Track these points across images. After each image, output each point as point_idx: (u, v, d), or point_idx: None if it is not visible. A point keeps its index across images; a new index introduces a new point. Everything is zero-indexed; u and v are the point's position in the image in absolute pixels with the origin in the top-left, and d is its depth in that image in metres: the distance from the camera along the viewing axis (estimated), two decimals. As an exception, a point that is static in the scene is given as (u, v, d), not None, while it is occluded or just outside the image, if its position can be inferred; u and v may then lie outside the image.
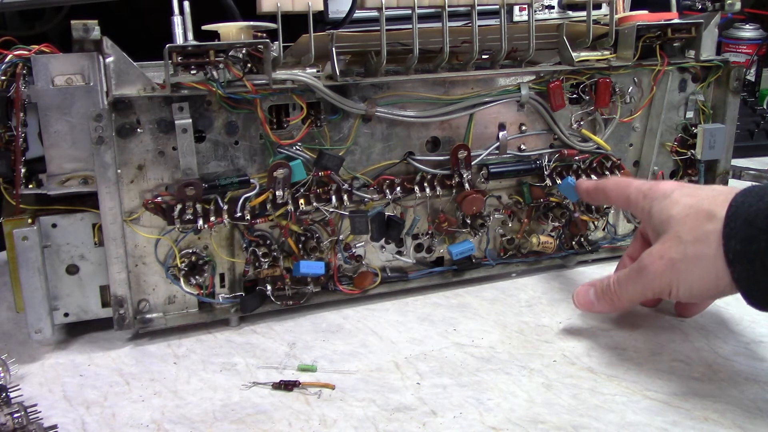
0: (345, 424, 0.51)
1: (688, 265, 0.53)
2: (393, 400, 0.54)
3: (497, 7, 0.67)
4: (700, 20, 0.74)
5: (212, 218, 0.61)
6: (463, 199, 0.69)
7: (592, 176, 0.74)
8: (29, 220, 0.59)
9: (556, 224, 0.75)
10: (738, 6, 0.80)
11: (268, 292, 0.65)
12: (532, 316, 0.67)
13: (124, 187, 0.60)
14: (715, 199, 0.53)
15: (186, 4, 0.59)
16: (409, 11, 0.64)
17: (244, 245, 0.65)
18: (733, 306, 0.65)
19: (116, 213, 0.59)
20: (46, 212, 0.60)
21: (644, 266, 0.56)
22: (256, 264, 0.65)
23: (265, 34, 0.63)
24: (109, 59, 0.57)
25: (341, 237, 0.67)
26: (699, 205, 0.54)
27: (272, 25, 0.62)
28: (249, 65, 0.61)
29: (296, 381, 0.56)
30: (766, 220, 0.49)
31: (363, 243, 0.69)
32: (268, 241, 0.65)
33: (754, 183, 1.00)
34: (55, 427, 0.50)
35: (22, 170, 0.60)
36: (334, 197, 0.65)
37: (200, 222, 0.60)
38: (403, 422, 0.51)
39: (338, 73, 0.64)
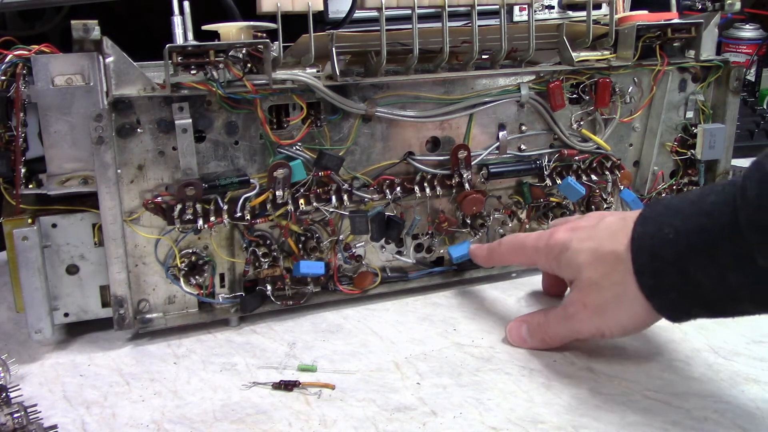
0: (345, 424, 0.51)
1: (613, 307, 0.53)
2: (393, 400, 0.54)
3: (497, 7, 0.67)
4: (700, 20, 0.74)
5: (212, 218, 0.61)
6: (463, 199, 0.69)
7: (592, 176, 0.74)
8: (29, 220, 0.59)
9: (556, 224, 0.75)
10: (738, 6, 0.80)
11: (268, 292, 0.65)
12: (532, 316, 0.67)
13: (124, 187, 0.60)
14: (614, 236, 0.53)
15: (186, 4, 0.59)
16: (409, 11, 0.64)
17: (244, 245, 0.65)
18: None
19: (116, 213, 0.59)
20: (46, 212, 0.60)
21: (570, 315, 0.56)
22: (256, 264, 0.65)
23: (265, 34, 0.63)
24: (109, 59, 0.57)
25: (341, 237, 0.67)
26: (602, 248, 0.54)
27: (272, 25, 0.62)
28: (249, 65, 0.61)
29: (296, 381, 0.56)
30: (669, 251, 0.49)
31: (363, 243, 0.69)
32: (268, 241, 0.65)
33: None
34: (55, 427, 0.50)
35: (22, 170, 0.60)
36: (334, 197, 0.65)
37: (200, 222, 0.60)
38: (403, 422, 0.51)
39: (338, 73, 0.64)
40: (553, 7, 1.05)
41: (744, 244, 0.45)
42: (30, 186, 0.61)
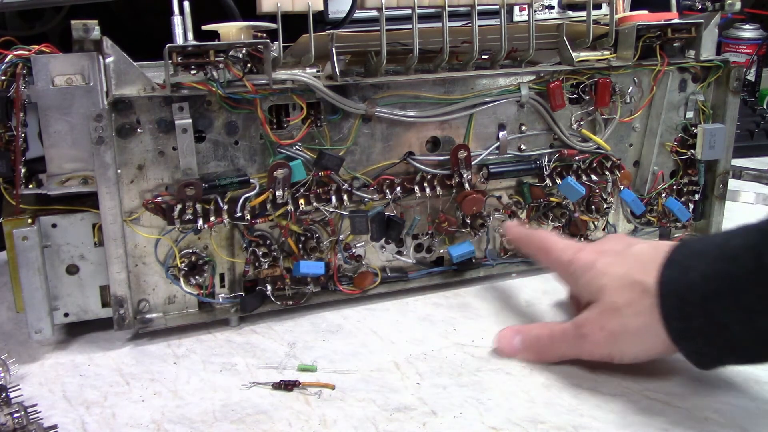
0: (345, 424, 0.51)
1: (632, 337, 0.53)
2: (393, 400, 0.54)
3: (497, 7, 0.67)
4: (700, 20, 0.74)
5: (212, 218, 0.61)
6: (463, 199, 0.69)
7: (592, 176, 0.74)
8: (29, 220, 0.59)
9: (556, 224, 0.75)
10: (738, 6, 0.80)
11: (268, 292, 0.65)
12: (532, 316, 0.67)
13: (124, 187, 0.60)
14: (644, 268, 0.52)
15: (186, 4, 0.59)
16: (409, 11, 0.64)
17: (244, 245, 0.65)
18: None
19: (116, 213, 0.59)
20: (46, 212, 0.60)
21: (584, 335, 0.55)
22: (256, 264, 0.65)
23: (265, 34, 0.63)
24: (109, 59, 0.57)
25: (341, 237, 0.67)
26: (630, 276, 0.53)
27: (272, 25, 0.62)
28: (249, 65, 0.61)
29: (296, 381, 0.56)
30: (697, 295, 0.48)
31: (363, 243, 0.69)
32: (268, 241, 0.65)
33: (753, 182, 1.01)
34: (55, 427, 0.50)
35: (22, 170, 0.60)
36: (334, 197, 0.65)
37: (200, 222, 0.60)
38: (403, 422, 0.51)
39: (338, 73, 0.64)
40: (553, 7, 1.05)
41: None
42: (30, 186, 0.61)
